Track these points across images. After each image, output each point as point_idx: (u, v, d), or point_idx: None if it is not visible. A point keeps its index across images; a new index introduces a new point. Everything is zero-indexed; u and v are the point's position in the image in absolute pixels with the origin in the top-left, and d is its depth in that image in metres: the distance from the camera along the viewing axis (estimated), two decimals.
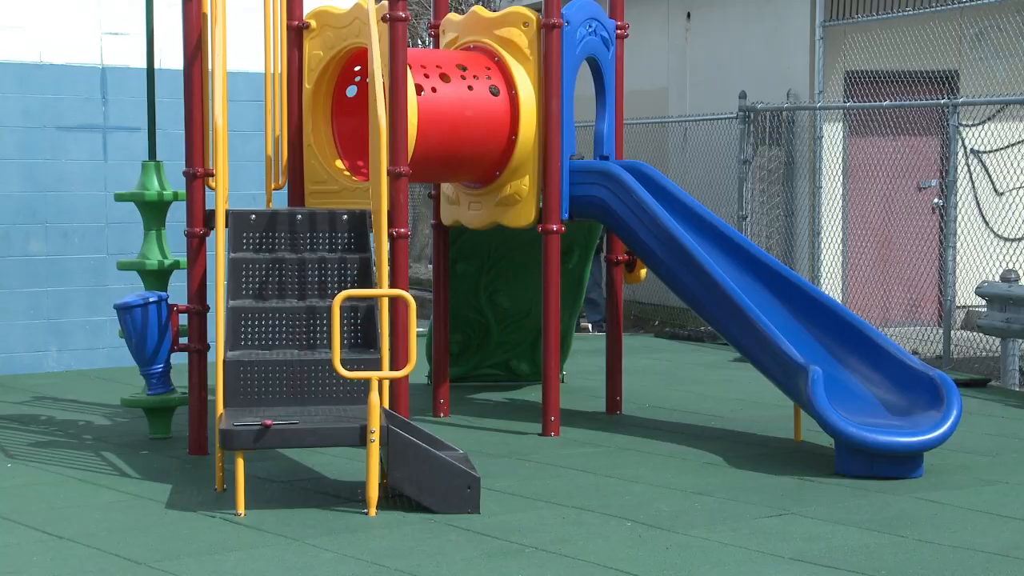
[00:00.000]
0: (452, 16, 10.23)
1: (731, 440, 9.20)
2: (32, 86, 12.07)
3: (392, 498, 7.33)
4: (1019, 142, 13.24)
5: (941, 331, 12.99)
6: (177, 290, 9.19)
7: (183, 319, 8.84)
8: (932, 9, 13.71)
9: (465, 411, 10.20)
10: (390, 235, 8.26)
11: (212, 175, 8.51)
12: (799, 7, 15.13)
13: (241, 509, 7.21)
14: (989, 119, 13.43)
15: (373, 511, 7.19)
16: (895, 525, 7.07)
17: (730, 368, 12.12)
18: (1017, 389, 11.37)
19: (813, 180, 14.53)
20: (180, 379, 9.04)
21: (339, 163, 9.27)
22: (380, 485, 7.24)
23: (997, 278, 11.99)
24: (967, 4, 13.43)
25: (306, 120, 9.24)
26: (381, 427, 7.20)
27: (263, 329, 8.03)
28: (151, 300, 8.84)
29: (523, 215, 9.43)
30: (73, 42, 12.14)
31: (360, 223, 8.44)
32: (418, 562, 6.38)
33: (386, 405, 7.48)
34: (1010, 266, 12.30)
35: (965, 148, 13.24)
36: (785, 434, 9.19)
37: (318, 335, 7.97)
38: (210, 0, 8.54)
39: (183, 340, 8.85)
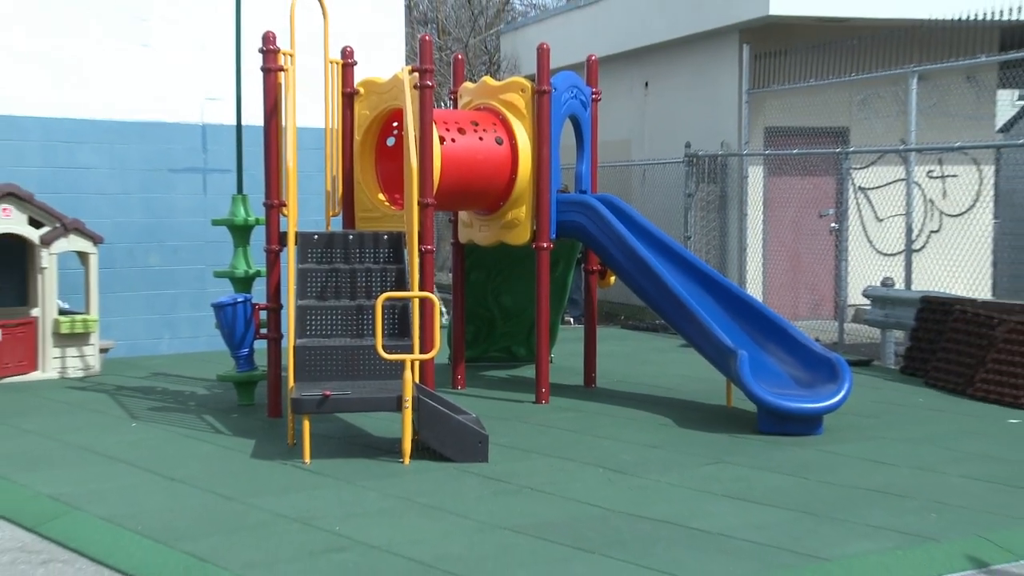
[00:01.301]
0: (467, 84, 10.25)
1: (678, 406, 9.20)
2: (151, 139, 12.09)
3: (421, 451, 7.33)
4: (894, 181, 13.25)
5: (836, 324, 13.01)
6: (258, 292, 9.20)
7: (263, 315, 8.86)
8: (828, 81, 13.72)
9: (477, 384, 10.21)
10: (420, 250, 8.26)
11: (285, 205, 8.52)
12: (730, 79, 15.14)
13: (307, 459, 7.25)
14: (871, 164, 13.46)
15: (407, 460, 7.22)
16: (801, 470, 7.11)
17: (677, 352, 12.13)
18: (893, 367, 11.38)
19: (740, 209, 14.54)
20: (260, 360, 9.05)
21: (381, 196, 9.28)
22: (412, 441, 7.28)
23: (878, 284, 12.02)
24: (854, 78, 13.44)
25: (356, 163, 9.25)
26: (413, 396, 7.25)
27: (323, 322, 8.05)
28: (239, 300, 8.85)
29: (521, 235, 9.43)
30: (181, 105, 12.15)
31: (397, 241, 8.47)
32: (441, 499, 6.43)
33: (417, 380, 7.49)
34: (887, 275, 12.32)
35: (854, 186, 13.26)
36: (719, 402, 9.20)
37: (365, 326, 7.98)
38: (283, 73, 8.58)
39: (263, 330, 8.86)
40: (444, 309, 12.73)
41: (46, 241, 10.51)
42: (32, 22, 11.52)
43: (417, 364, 7.53)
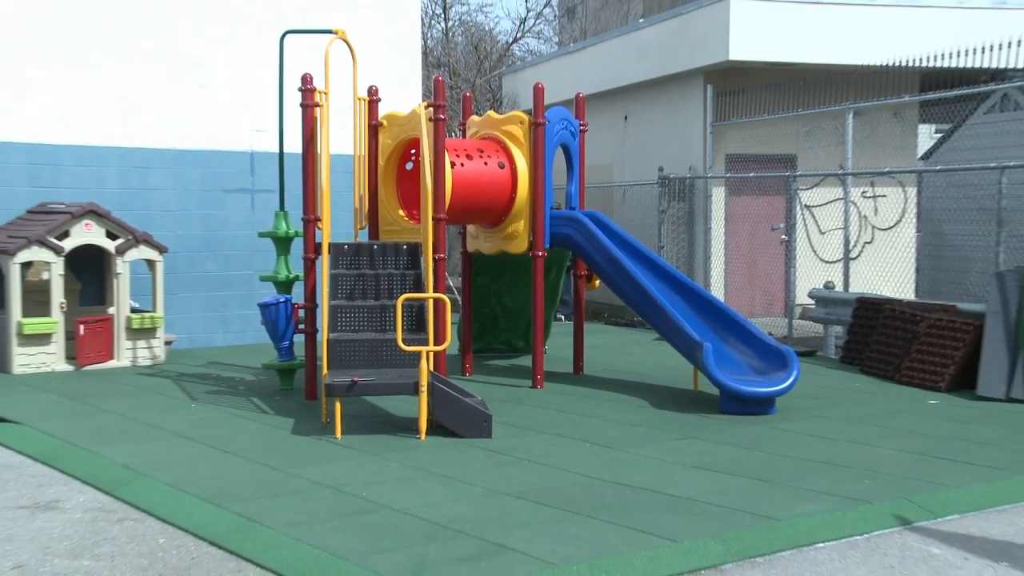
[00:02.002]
0: (474, 117, 10.26)
1: (653, 390, 9.21)
2: (207, 164, 12.10)
3: (435, 428, 7.34)
4: (834, 200, 13.25)
5: (786, 320, 13.03)
6: (296, 294, 9.20)
7: (301, 312, 8.86)
8: (779, 115, 13.74)
9: (482, 372, 10.21)
10: (434, 258, 8.27)
11: (320, 220, 8.54)
12: (696, 113, 15.15)
13: (338, 434, 7.27)
14: (815, 185, 13.46)
15: (423, 436, 7.23)
16: (757, 444, 7.12)
17: (652, 344, 12.15)
18: (834, 357, 11.38)
19: (705, 223, 14.55)
20: (299, 351, 9.06)
21: (401, 212, 9.29)
22: (427, 420, 7.29)
23: (821, 286, 12.03)
24: (800, 113, 13.46)
25: (380, 185, 9.26)
26: (428, 382, 7.26)
27: (351, 319, 8.05)
28: (281, 300, 8.86)
29: (519, 245, 9.43)
30: (232, 136, 12.16)
31: (415, 251, 8.47)
32: (451, 469, 6.44)
33: (431, 368, 7.49)
34: (829, 279, 12.33)
35: (800, 204, 13.24)
36: (687, 386, 9.20)
37: (387, 323, 7.98)
38: (319, 108, 8.58)
39: (301, 326, 8.87)
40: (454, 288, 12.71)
41: (120, 251, 10.52)
42: (111, 70, 11.52)
43: (431, 355, 7.53)
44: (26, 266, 10.16)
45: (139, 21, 11.66)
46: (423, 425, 7.25)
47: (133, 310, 10.81)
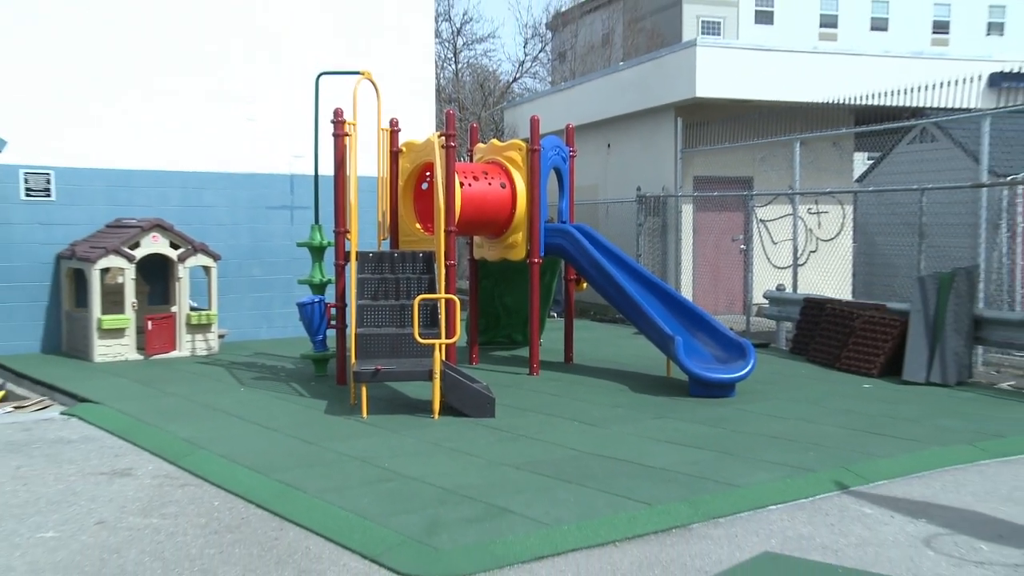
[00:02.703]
0: (480, 145, 10.24)
1: (632, 377, 9.20)
2: (253, 185, 12.08)
3: (446, 409, 7.34)
4: (784, 216, 13.22)
5: (744, 317, 13.00)
6: (329, 294, 9.20)
7: (333, 311, 8.85)
8: (738, 144, 13.75)
9: (487, 361, 10.21)
10: (446, 264, 8.27)
11: (348, 232, 8.52)
12: (668, 142, 15.12)
13: (364, 415, 7.27)
14: (768, 203, 13.45)
15: (436, 416, 7.23)
16: (720, 423, 7.12)
17: (631, 338, 12.16)
18: (784, 349, 11.36)
19: (676, 235, 14.54)
20: (331, 343, 9.06)
21: (417, 225, 9.27)
22: (440, 402, 7.29)
23: (774, 288, 12.02)
24: (756, 142, 13.47)
25: (399, 202, 9.25)
26: (440, 370, 7.25)
27: (375, 316, 8.05)
28: (316, 300, 8.87)
29: (518, 253, 9.41)
30: (274, 161, 12.16)
31: (429, 258, 8.46)
32: (460, 444, 6.43)
33: (443, 358, 7.49)
34: (780, 282, 12.32)
35: (756, 218, 13.24)
36: (661, 373, 9.20)
37: (406, 319, 7.98)
38: (348, 137, 8.58)
39: (333, 322, 8.86)
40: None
41: (181, 258, 10.51)
42: (173, 107, 11.52)
43: (443, 346, 7.53)
44: (104, 271, 10.18)
45: (196, 65, 11.65)
46: (436, 406, 7.25)
47: (192, 308, 10.80)
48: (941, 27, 35.51)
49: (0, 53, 10.58)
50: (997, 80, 14.82)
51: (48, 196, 10.87)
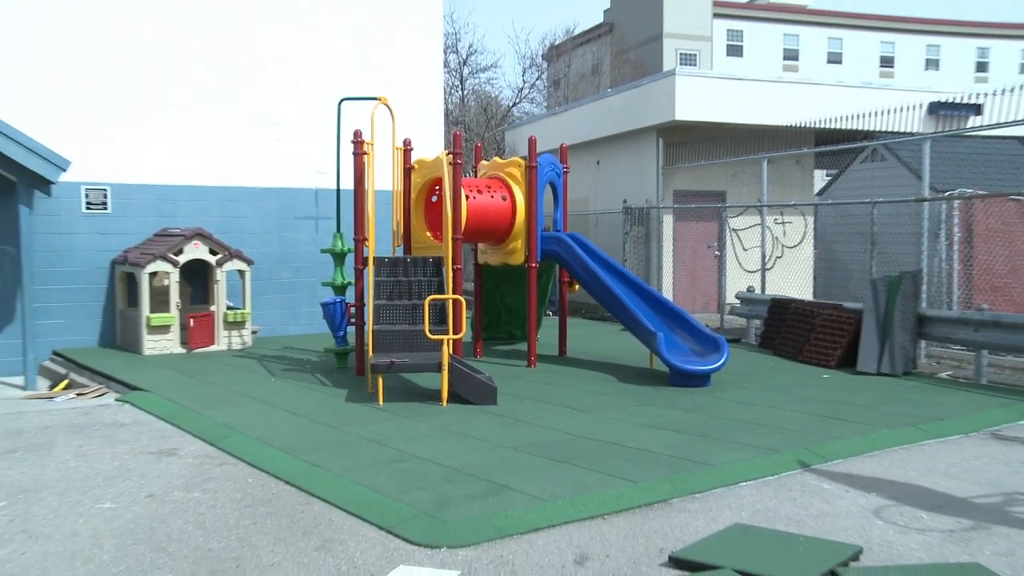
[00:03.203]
0: (483, 162, 10.21)
1: (619, 369, 9.19)
2: (282, 198, 12.06)
3: (453, 397, 7.33)
4: (754, 225, 13.24)
5: (719, 315, 13.01)
6: (349, 295, 9.19)
7: (353, 310, 8.85)
8: (713, 161, 13.76)
9: (490, 354, 10.20)
10: (453, 268, 8.27)
11: (366, 239, 8.51)
12: (651, 159, 15.11)
13: (381, 402, 7.25)
14: (740, 214, 13.46)
15: (444, 403, 7.22)
16: (697, 409, 7.11)
17: (618, 334, 12.17)
18: (754, 343, 11.34)
19: (658, 242, 14.54)
20: (351, 339, 9.05)
21: (428, 233, 9.27)
22: (447, 391, 7.28)
23: (745, 289, 12.00)
24: (729, 160, 13.48)
25: (412, 213, 9.23)
26: (448, 362, 7.25)
27: (390, 314, 8.04)
28: (337, 300, 8.84)
29: (518, 258, 9.41)
30: (300, 177, 12.13)
31: (438, 263, 8.44)
32: (466, 428, 6.43)
33: (451, 352, 7.49)
34: (750, 284, 12.31)
35: (729, 228, 13.24)
36: (644, 365, 9.20)
37: (417, 317, 7.97)
38: (366, 156, 8.58)
39: (352, 320, 8.84)
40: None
41: (219, 263, 10.51)
42: (212, 130, 11.53)
43: (451, 341, 7.54)
44: (153, 275, 10.17)
45: (233, 92, 11.65)
46: (444, 395, 7.24)
47: (228, 308, 10.81)
48: (887, 61, 36.49)
49: (67, 87, 10.62)
50: (935, 108, 14.94)
51: (105, 209, 10.89)
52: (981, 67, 37.03)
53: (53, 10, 10.59)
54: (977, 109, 14.78)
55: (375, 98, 9.01)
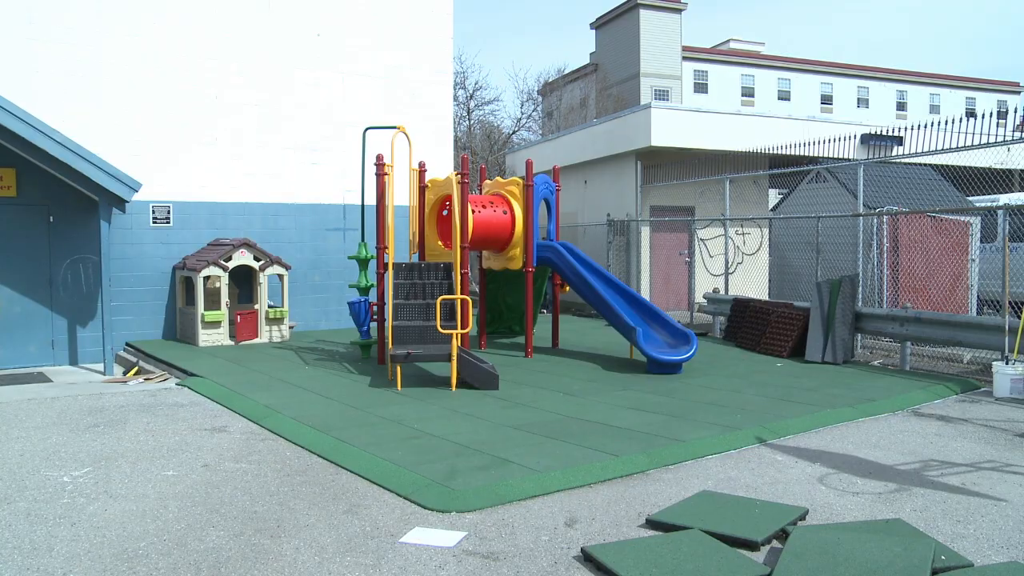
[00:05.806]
0: (487, 181, 10.19)
1: (603, 359, 9.18)
2: (315, 213, 12.02)
3: (461, 383, 7.33)
4: (718, 236, 13.22)
5: (689, 312, 12.98)
6: (372, 295, 9.17)
7: (375, 308, 8.84)
8: (684, 181, 13.75)
9: (492, 346, 10.18)
10: (461, 272, 8.26)
11: (387, 248, 8.51)
12: (630, 179, 15.10)
13: (399, 387, 7.25)
14: (707, 226, 13.44)
15: (453, 388, 7.21)
16: (670, 393, 7.10)
17: (603, 329, 12.16)
18: (719, 337, 11.31)
19: (637, 250, 14.52)
20: (373, 333, 9.03)
21: (439, 243, 9.26)
22: (456, 378, 7.27)
23: (711, 291, 11.99)
24: (697, 180, 13.48)
25: (426, 225, 9.23)
26: (457, 353, 7.23)
27: (407, 312, 8.03)
28: (362, 300, 8.85)
29: (517, 264, 9.39)
30: (331, 194, 12.09)
31: (449, 268, 8.44)
32: (473, 410, 6.41)
33: (459, 344, 7.48)
34: (716, 286, 12.28)
35: (697, 238, 13.23)
36: (625, 356, 9.19)
37: (430, 314, 7.96)
38: (387, 176, 8.57)
39: (375, 317, 8.84)
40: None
41: (262, 268, 10.50)
42: (257, 155, 11.52)
43: (459, 335, 7.54)
44: (206, 278, 10.19)
45: (275, 124, 11.65)
46: (453, 381, 7.24)
47: (270, 306, 10.79)
48: (827, 99, 38.41)
49: (141, 122, 10.68)
50: (866, 139, 15.07)
51: (168, 223, 10.93)
52: (901, 106, 39.68)
53: (135, 62, 10.60)
54: (899, 140, 15.02)
55: (395, 127, 9.01)
